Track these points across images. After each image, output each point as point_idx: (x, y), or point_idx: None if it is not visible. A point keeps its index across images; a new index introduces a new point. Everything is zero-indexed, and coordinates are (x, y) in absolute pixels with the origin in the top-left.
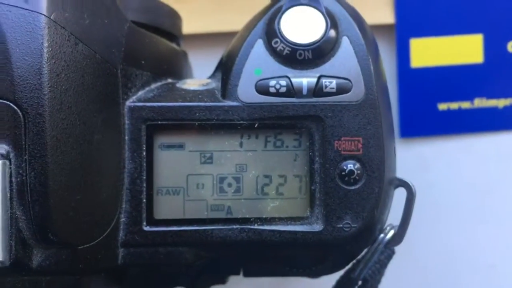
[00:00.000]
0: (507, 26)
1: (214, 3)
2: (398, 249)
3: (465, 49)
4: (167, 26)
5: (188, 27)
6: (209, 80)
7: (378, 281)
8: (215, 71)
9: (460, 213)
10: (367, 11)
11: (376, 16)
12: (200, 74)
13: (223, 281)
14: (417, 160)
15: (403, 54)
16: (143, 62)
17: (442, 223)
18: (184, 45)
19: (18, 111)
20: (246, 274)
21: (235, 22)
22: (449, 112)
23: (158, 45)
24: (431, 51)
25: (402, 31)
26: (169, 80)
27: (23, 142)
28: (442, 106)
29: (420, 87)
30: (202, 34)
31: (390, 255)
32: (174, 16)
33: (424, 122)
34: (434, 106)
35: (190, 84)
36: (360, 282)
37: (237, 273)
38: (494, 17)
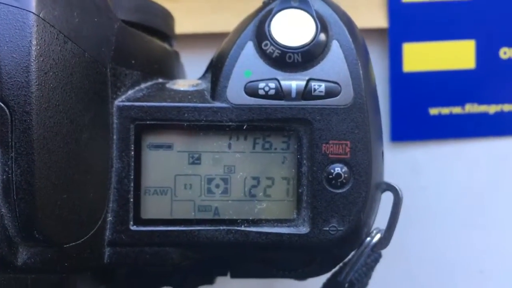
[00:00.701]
0: (500, 33)
1: (208, 3)
2: (388, 253)
3: (457, 55)
4: (159, 26)
5: (182, 27)
6: (199, 81)
7: (365, 284)
8: (205, 72)
9: (451, 217)
10: (360, 15)
11: (369, 20)
12: (192, 74)
13: (210, 281)
14: (408, 164)
15: (395, 59)
16: (133, 61)
17: (432, 227)
18: (177, 45)
19: (5, 108)
20: (233, 275)
21: (229, 22)
22: (440, 117)
23: (149, 45)
24: (423, 56)
25: (395, 35)
26: (160, 80)
27: (10, 140)
28: (434, 111)
29: (412, 91)
30: (196, 34)
31: (377, 258)
32: (166, 16)
33: (416, 126)
34: (425, 111)
35: (180, 84)
36: (346, 285)
37: (224, 274)
38: (487, 23)
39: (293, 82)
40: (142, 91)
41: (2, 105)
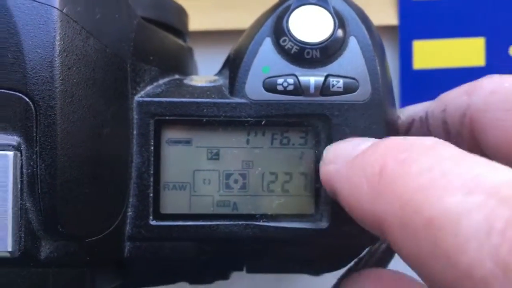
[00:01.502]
0: (509, 30)
1: (220, 0)
2: None
3: (467, 52)
4: (175, 23)
5: (194, 24)
6: (216, 77)
7: None
8: (222, 68)
9: None
10: (371, 13)
11: (379, 18)
12: (204, 71)
13: (226, 276)
14: None
15: (405, 56)
16: (151, 57)
17: None
18: (189, 41)
19: (30, 103)
20: (249, 270)
21: (241, 20)
22: None
23: (166, 41)
24: (433, 53)
25: (405, 33)
26: (176, 76)
27: (34, 134)
28: None
29: (422, 88)
30: (208, 31)
31: (391, 254)
32: (181, 13)
33: None
34: None
35: (198, 80)
36: None
37: (241, 269)
38: (497, 21)
39: (312, 78)
40: (161, 87)
41: (27, 99)
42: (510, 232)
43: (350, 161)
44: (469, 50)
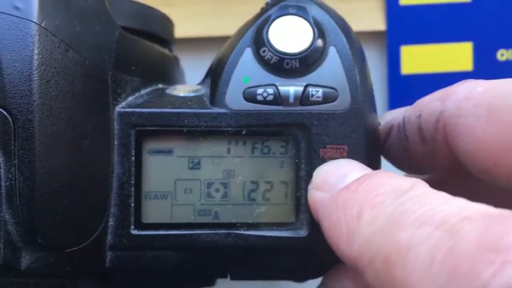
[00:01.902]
0: (497, 35)
1: (208, 7)
2: None
3: (455, 57)
4: (158, 32)
5: (182, 31)
6: (198, 87)
7: None
8: (205, 78)
9: None
10: (358, 18)
11: (367, 23)
12: (193, 78)
13: (211, 283)
14: None
15: (393, 61)
16: (133, 68)
17: None
18: (177, 49)
19: (8, 116)
20: (233, 278)
21: (229, 26)
22: None
23: (148, 51)
24: (421, 58)
25: (393, 38)
26: (160, 86)
27: (13, 147)
28: None
29: (410, 93)
30: (196, 38)
31: None
32: (165, 21)
33: None
34: None
35: (180, 90)
36: None
37: (224, 276)
38: (484, 26)
39: (291, 88)
40: (143, 97)
41: (5, 113)
42: (449, 260)
43: (334, 195)
44: (457, 55)
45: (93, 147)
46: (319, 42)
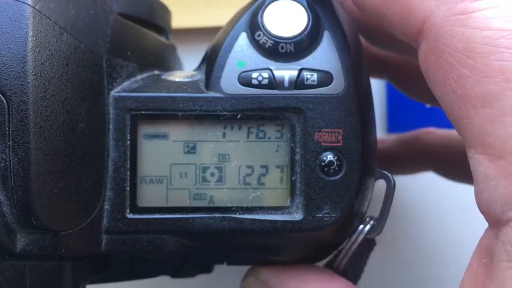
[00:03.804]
0: None
1: None
2: (383, 243)
3: None
4: (155, 19)
5: (179, 21)
6: (194, 72)
7: (360, 271)
8: (200, 64)
9: (446, 208)
10: None
11: None
12: (188, 69)
13: (208, 270)
14: None
15: None
16: (129, 53)
17: (427, 218)
18: (174, 39)
19: (2, 98)
20: (230, 263)
21: (224, 17)
22: (436, 109)
23: (145, 37)
24: None
25: None
26: (156, 72)
27: (7, 129)
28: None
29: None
30: (191, 28)
31: (371, 246)
32: (162, 10)
33: (412, 118)
34: (422, 103)
35: (176, 75)
36: (341, 273)
37: (221, 262)
38: None
39: (286, 72)
40: (138, 82)
41: None
42: None
43: None
44: None
45: (88, 130)
46: (314, 26)
